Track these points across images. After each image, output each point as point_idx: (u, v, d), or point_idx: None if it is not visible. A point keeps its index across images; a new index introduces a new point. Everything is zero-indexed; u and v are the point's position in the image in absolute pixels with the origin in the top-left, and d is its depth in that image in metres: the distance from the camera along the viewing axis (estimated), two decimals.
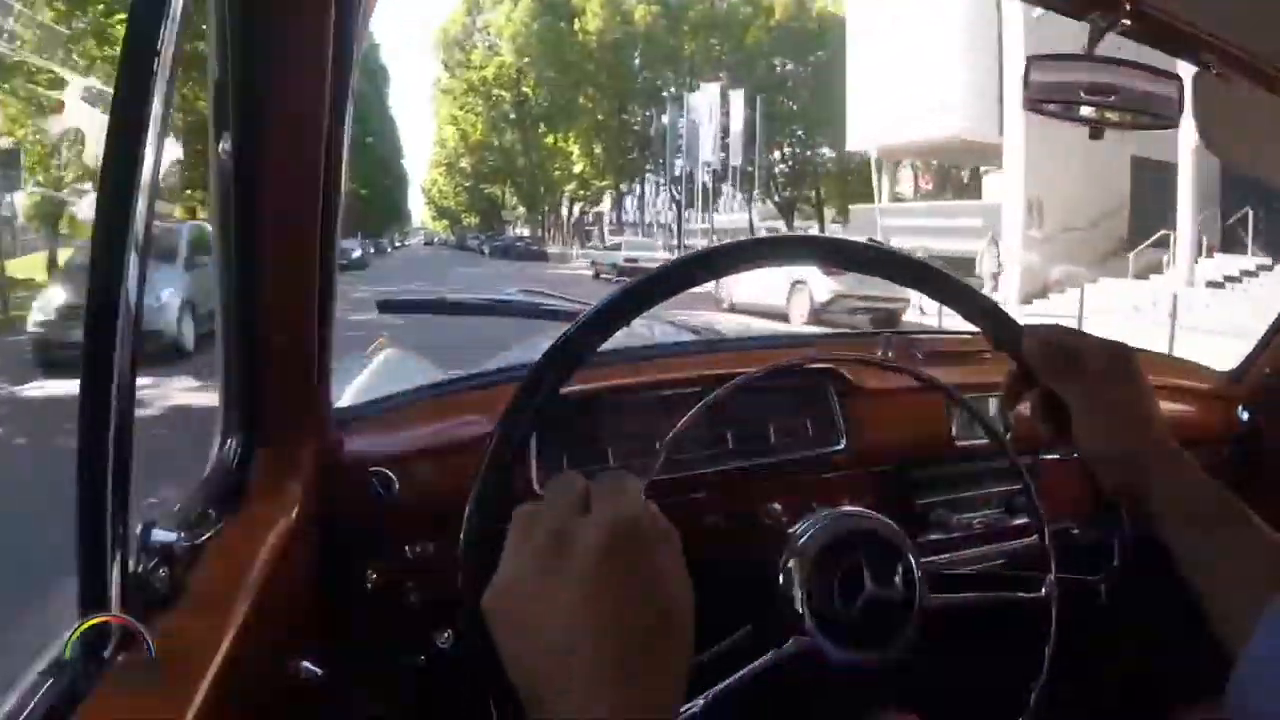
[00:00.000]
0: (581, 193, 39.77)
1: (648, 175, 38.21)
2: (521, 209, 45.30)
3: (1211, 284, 11.40)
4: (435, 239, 60.87)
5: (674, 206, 34.03)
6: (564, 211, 43.71)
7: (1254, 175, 0.90)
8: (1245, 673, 0.42)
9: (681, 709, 0.58)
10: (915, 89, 16.44)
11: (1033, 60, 0.70)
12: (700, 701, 0.59)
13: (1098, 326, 0.93)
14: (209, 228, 0.70)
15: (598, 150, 36.29)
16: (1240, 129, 0.82)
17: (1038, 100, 0.70)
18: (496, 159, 40.37)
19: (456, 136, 41.29)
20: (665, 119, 32.53)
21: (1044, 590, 0.68)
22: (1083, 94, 0.70)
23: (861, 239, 0.66)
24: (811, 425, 1.00)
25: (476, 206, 49.93)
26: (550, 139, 38.00)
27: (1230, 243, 12.16)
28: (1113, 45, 0.69)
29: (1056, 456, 0.63)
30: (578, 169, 37.46)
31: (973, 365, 1.10)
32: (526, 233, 46.33)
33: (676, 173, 32.69)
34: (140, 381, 0.47)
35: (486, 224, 50.42)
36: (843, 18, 23.22)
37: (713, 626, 0.68)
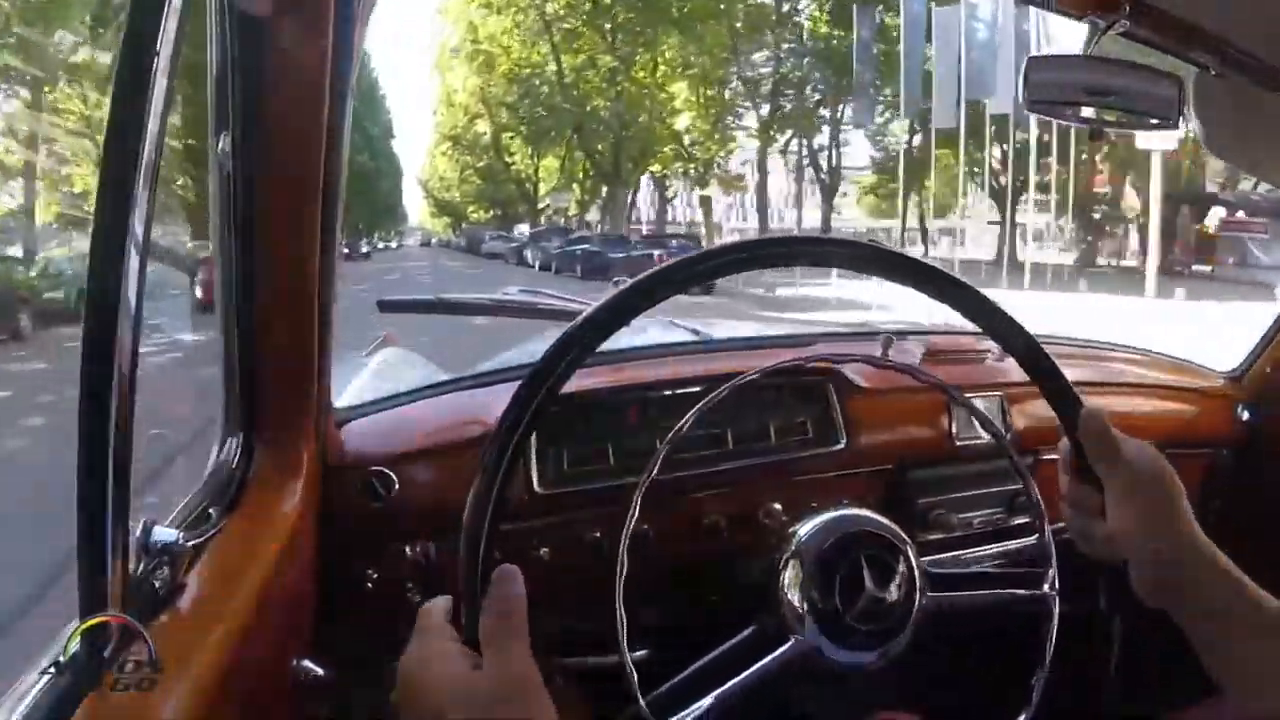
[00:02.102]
0: (681, 165, 23.17)
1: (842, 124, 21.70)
2: (575, 195, 28.22)
3: None
4: (433, 239, 50.81)
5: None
6: (645, 195, 27.42)
7: (1254, 175, 0.89)
8: None
9: (689, 709, 0.59)
10: None
11: (1032, 60, 0.70)
12: (707, 702, 0.60)
13: None
14: None
15: (710, 91, 21.28)
16: (1240, 129, 0.82)
17: (1037, 100, 0.70)
18: (550, 91, 22.58)
19: (476, 74, 25.01)
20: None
21: (1045, 586, 0.68)
22: (1083, 94, 0.69)
23: (862, 239, 0.66)
24: (811, 425, 1.00)
25: (491, 197, 34.90)
26: (645, 67, 21.64)
27: None
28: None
29: (1057, 457, 0.63)
30: (682, 122, 22.22)
31: (973, 365, 1.10)
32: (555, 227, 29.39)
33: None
34: None
35: (507, 218, 34.74)
36: None
37: (714, 626, 0.68)
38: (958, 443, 1.06)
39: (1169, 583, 0.52)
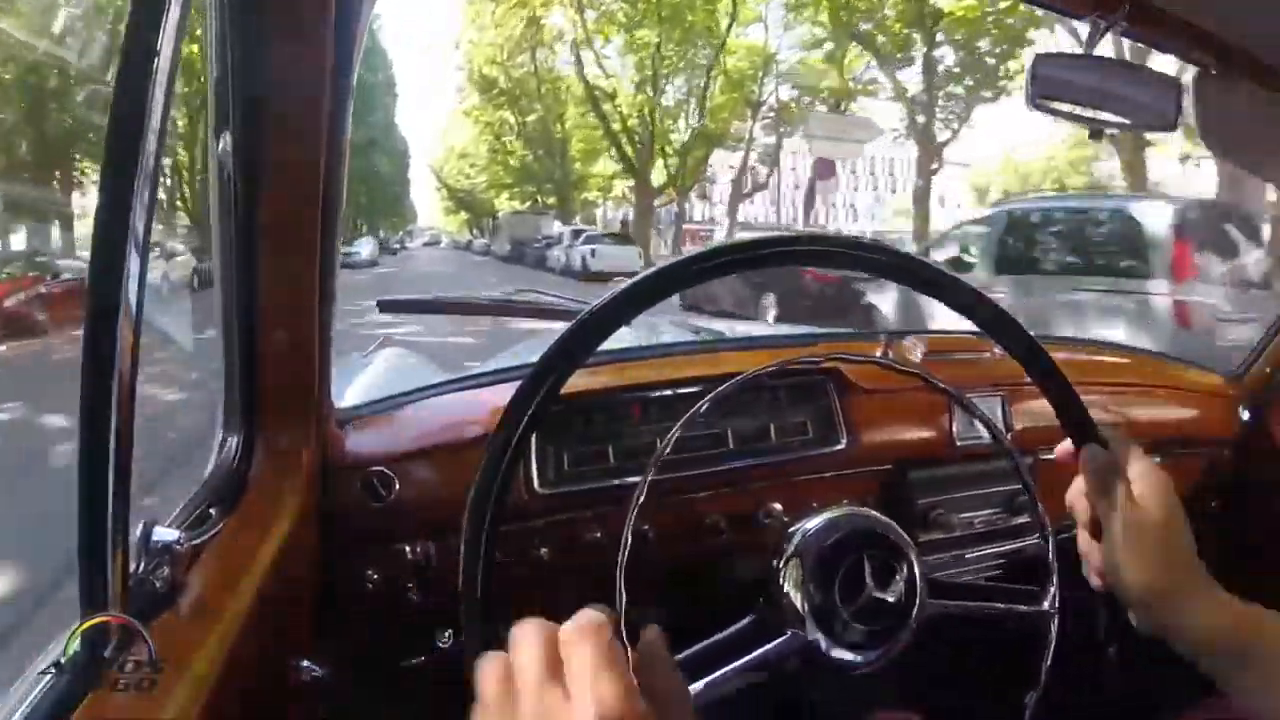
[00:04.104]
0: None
1: None
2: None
3: None
4: (442, 240, 40.97)
5: None
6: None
7: (1254, 175, 0.89)
8: None
9: None
10: None
11: (1039, 57, 0.70)
12: (698, 686, 0.59)
13: None
14: None
15: None
16: (1240, 129, 0.82)
17: (1044, 96, 0.70)
18: None
19: None
20: None
21: (1045, 604, 0.68)
22: (1085, 94, 0.70)
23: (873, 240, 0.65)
24: (811, 425, 1.00)
25: (543, 176, 22.74)
26: None
27: None
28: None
29: (1057, 457, 0.63)
30: None
31: (973, 365, 1.10)
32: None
33: None
34: None
35: (564, 210, 22.95)
36: None
37: (714, 626, 0.68)
38: (958, 443, 1.06)
39: (1163, 622, 0.52)
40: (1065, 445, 0.59)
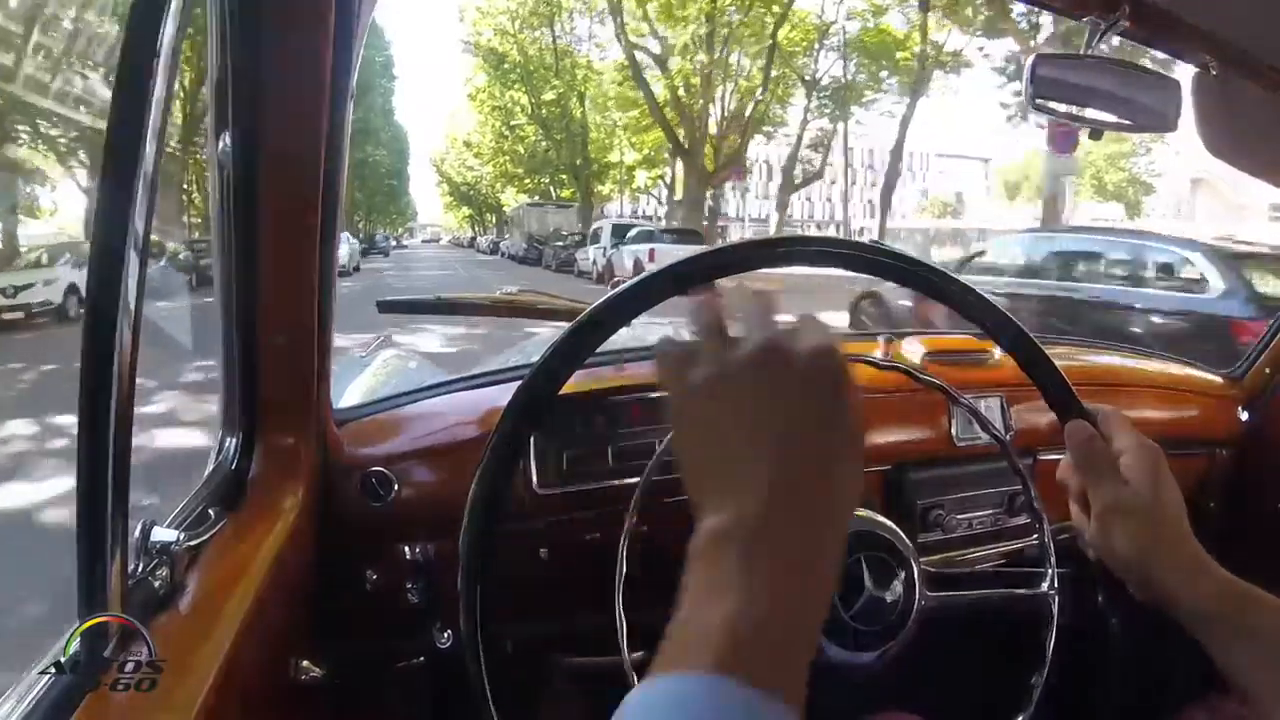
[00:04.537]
0: None
1: None
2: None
3: None
4: (441, 237, 39.89)
5: None
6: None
7: (1254, 176, 0.89)
8: None
9: None
10: None
11: (1039, 57, 0.70)
12: None
13: None
14: None
15: None
16: (1240, 129, 0.82)
17: (1043, 97, 0.70)
18: None
19: None
20: None
21: (1044, 586, 0.68)
22: (1085, 95, 0.70)
23: (868, 240, 0.65)
24: None
25: (564, 161, 19.64)
26: None
27: None
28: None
29: (1056, 457, 0.63)
30: None
31: (973, 365, 1.10)
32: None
33: None
34: None
35: (588, 198, 20.23)
36: None
37: None
38: (958, 443, 1.06)
39: (1156, 593, 0.52)
40: (1051, 419, 0.59)
